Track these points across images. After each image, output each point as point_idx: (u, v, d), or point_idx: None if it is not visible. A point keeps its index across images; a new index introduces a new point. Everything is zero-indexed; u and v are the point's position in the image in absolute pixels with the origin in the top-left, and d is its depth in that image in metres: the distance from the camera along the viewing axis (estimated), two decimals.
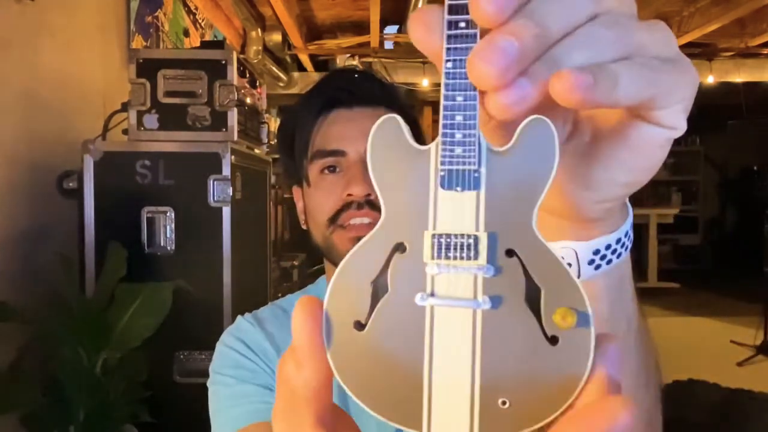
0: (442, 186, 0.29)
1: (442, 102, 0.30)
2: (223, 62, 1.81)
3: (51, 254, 1.69)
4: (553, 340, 0.27)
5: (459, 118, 0.30)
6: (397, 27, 4.61)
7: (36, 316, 1.62)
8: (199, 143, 1.78)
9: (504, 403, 0.27)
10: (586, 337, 0.26)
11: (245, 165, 1.92)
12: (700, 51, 5.01)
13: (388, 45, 4.95)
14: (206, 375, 0.82)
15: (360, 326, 0.28)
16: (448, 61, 0.29)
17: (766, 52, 4.99)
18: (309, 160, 0.78)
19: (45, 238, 1.84)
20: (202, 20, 3.49)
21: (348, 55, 4.83)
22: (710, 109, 7.29)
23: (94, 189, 1.75)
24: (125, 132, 1.83)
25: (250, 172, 2.01)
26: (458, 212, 0.29)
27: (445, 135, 0.30)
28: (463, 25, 0.29)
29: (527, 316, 0.28)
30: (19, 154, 1.76)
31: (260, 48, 4.17)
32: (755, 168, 8.00)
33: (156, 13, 2.75)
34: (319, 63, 5.23)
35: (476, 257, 0.28)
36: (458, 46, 0.29)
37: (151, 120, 1.80)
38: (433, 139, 0.31)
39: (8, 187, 1.71)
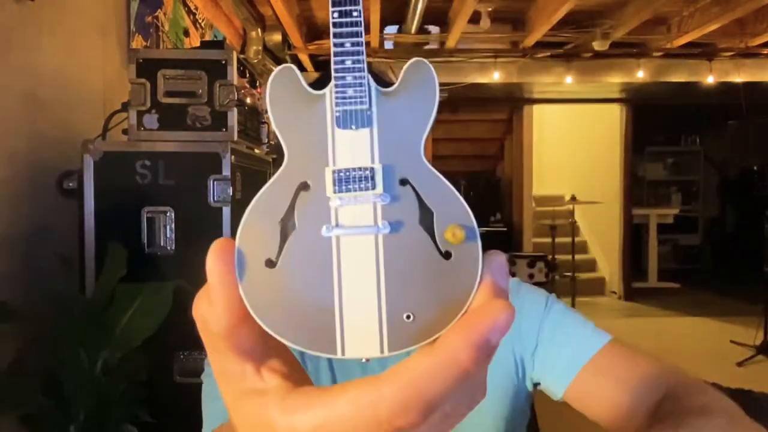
0: (338, 125, 0.33)
1: (332, 49, 0.34)
2: (223, 62, 1.81)
3: (51, 254, 1.69)
4: (446, 255, 0.30)
5: (348, 63, 0.33)
6: (397, 27, 4.61)
7: (36, 316, 1.62)
8: (199, 143, 1.78)
9: (409, 317, 0.29)
10: (475, 249, 0.29)
11: (245, 165, 1.92)
12: (700, 51, 5.01)
13: (388, 45, 4.95)
14: None
15: (271, 264, 0.30)
16: (334, 11, 0.33)
17: (766, 52, 4.99)
18: None
19: (45, 238, 1.84)
20: (202, 20, 3.49)
21: None
22: (710, 109, 7.30)
23: (94, 189, 1.75)
24: (125, 132, 1.83)
25: (250, 172, 2.00)
26: (355, 148, 0.32)
27: (337, 79, 0.33)
28: None
29: (423, 236, 0.31)
30: (19, 154, 1.76)
31: (260, 48, 4.17)
32: (755, 168, 8.00)
33: (156, 13, 2.75)
34: (319, 63, 5.22)
35: (374, 187, 0.31)
36: None
37: (151, 120, 1.80)
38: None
39: (8, 187, 1.71)
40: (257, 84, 2.20)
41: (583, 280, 6.54)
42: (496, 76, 5.01)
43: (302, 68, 5.21)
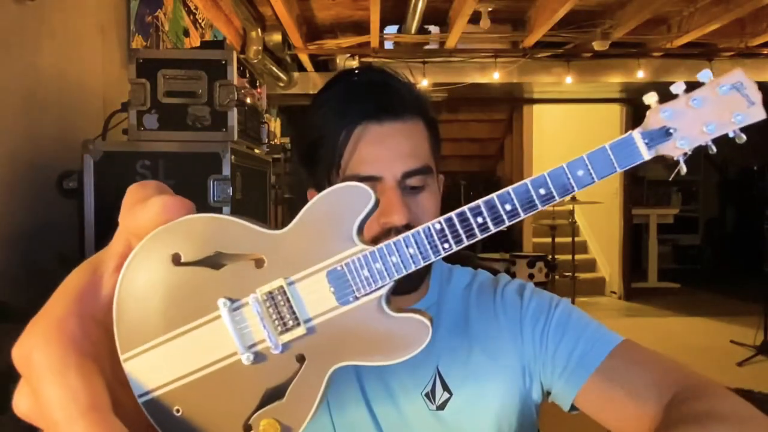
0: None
1: None
2: (223, 62, 1.81)
3: (51, 254, 1.69)
4: (246, 429, 0.30)
5: None
6: (397, 27, 4.61)
7: None
8: (199, 143, 1.78)
9: (178, 411, 0.30)
10: None
11: (245, 165, 1.92)
12: (700, 51, 5.01)
13: (388, 45, 4.95)
14: None
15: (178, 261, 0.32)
16: None
17: (766, 52, 4.99)
18: (341, 180, 0.74)
19: (45, 238, 1.84)
20: (202, 20, 3.49)
21: (348, 55, 4.83)
22: None
23: (94, 189, 1.75)
24: (125, 132, 1.83)
25: (250, 172, 2.00)
26: (317, 294, 0.32)
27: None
28: None
29: (253, 399, 0.31)
30: (19, 154, 1.76)
31: (260, 48, 4.17)
32: (755, 168, 7.99)
33: (156, 13, 2.75)
34: (319, 63, 5.22)
35: (282, 332, 0.32)
36: None
37: (151, 120, 1.80)
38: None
39: (8, 187, 1.71)
40: (257, 84, 2.19)
41: (583, 280, 6.54)
42: (496, 76, 5.00)
43: (302, 68, 5.22)
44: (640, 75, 5.18)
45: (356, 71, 0.83)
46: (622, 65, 5.27)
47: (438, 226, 0.34)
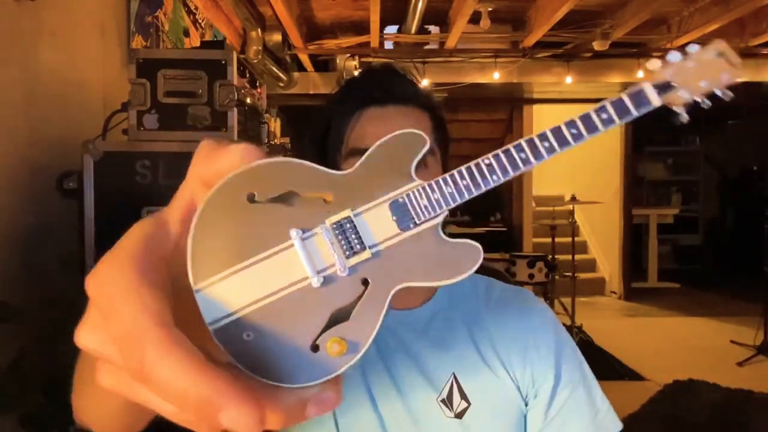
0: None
1: None
2: (223, 62, 1.81)
3: (51, 254, 1.69)
4: (314, 348, 0.32)
5: None
6: (397, 27, 4.61)
7: (36, 316, 1.62)
8: (199, 143, 1.78)
9: (248, 335, 0.32)
10: (337, 364, 0.32)
11: None
12: None
13: (388, 45, 4.95)
14: None
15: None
16: None
17: (766, 52, 4.99)
18: (344, 157, 0.78)
19: (45, 238, 1.84)
20: (202, 20, 3.49)
21: (348, 55, 4.83)
22: (710, 109, 7.28)
23: (94, 189, 1.75)
24: (125, 132, 1.83)
25: None
26: (380, 221, 0.36)
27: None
28: None
29: (321, 320, 0.33)
30: (19, 154, 1.76)
31: (260, 48, 4.17)
32: (755, 168, 8.00)
33: (156, 13, 2.75)
34: (319, 63, 5.22)
35: (349, 256, 0.34)
36: None
37: (151, 120, 1.80)
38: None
39: (8, 187, 1.71)
40: (257, 84, 2.20)
41: (583, 280, 6.54)
42: (496, 76, 5.01)
43: (302, 68, 5.22)
44: (640, 75, 5.18)
45: (369, 70, 0.87)
46: (622, 65, 5.27)
47: (487, 161, 0.39)
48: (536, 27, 4.28)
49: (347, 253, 0.34)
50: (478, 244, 0.36)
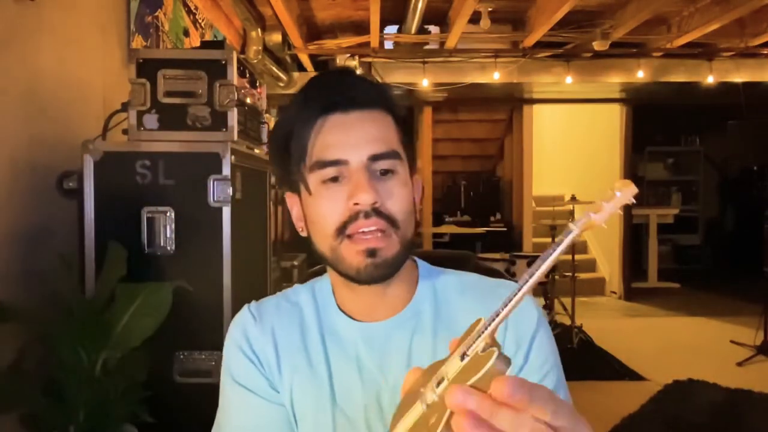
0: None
1: None
2: (223, 62, 1.81)
3: (51, 254, 1.69)
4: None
5: None
6: (397, 27, 4.61)
7: (36, 316, 1.61)
8: (199, 143, 1.78)
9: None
10: None
11: (245, 165, 1.92)
12: (700, 51, 5.01)
13: (388, 45, 4.95)
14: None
15: None
16: None
17: (766, 52, 4.98)
18: (308, 170, 0.75)
19: (45, 238, 1.84)
20: (202, 20, 3.49)
21: (348, 55, 4.83)
22: (710, 109, 7.29)
23: (94, 189, 1.75)
24: (125, 132, 1.83)
25: (250, 172, 2.00)
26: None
27: None
28: None
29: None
30: (19, 154, 1.76)
31: (260, 48, 4.17)
32: (755, 168, 8.00)
33: (156, 13, 2.75)
34: (319, 63, 5.22)
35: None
36: None
37: (151, 120, 1.80)
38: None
39: (8, 187, 1.71)
40: (257, 84, 2.19)
41: (583, 280, 6.53)
42: (496, 76, 5.00)
43: (302, 68, 5.21)
44: (640, 75, 5.18)
45: (323, 75, 0.85)
46: (622, 65, 5.27)
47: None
48: (536, 27, 4.28)
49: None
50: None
